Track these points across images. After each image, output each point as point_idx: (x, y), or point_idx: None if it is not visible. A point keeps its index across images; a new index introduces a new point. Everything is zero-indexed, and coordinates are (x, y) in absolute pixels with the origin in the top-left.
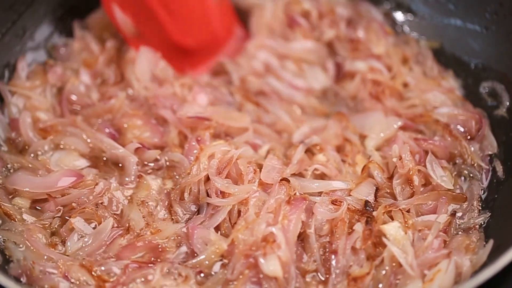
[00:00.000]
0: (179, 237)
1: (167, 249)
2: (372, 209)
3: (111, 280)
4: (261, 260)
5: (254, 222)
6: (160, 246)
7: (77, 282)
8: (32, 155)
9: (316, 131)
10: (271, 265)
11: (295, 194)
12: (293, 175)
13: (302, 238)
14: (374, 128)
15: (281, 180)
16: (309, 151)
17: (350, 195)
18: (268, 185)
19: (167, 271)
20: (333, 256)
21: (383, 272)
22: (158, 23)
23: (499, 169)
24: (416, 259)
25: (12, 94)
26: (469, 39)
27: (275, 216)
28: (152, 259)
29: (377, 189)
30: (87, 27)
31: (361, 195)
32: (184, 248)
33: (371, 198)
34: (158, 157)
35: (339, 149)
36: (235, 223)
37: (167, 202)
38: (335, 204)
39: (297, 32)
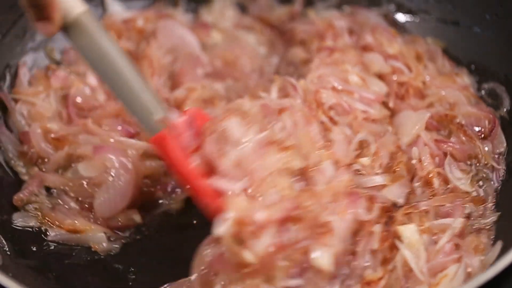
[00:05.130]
0: None
1: None
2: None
3: None
4: (315, 249)
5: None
6: None
7: None
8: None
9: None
10: (325, 258)
11: (352, 186)
12: None
13: None
14: (406, 125)
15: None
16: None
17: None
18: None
19: None
20: (351, 258)
21: (396, 276)
22: None
23: (502, 169)
24: (427, 263)
25: (16, 102)
26: (469, 40)
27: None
28: None
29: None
30: None
31: (393, 195)
32: None
33: (401, 200)
34: None
35: (391, 156)
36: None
37: None
38: (370, 202)
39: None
